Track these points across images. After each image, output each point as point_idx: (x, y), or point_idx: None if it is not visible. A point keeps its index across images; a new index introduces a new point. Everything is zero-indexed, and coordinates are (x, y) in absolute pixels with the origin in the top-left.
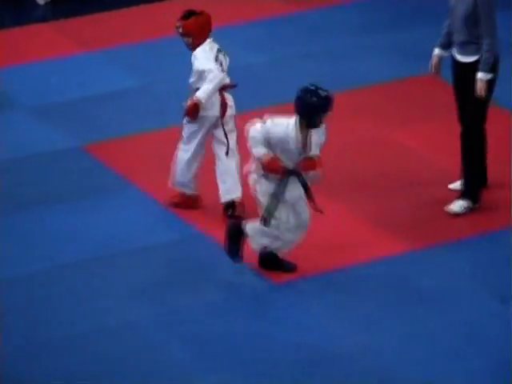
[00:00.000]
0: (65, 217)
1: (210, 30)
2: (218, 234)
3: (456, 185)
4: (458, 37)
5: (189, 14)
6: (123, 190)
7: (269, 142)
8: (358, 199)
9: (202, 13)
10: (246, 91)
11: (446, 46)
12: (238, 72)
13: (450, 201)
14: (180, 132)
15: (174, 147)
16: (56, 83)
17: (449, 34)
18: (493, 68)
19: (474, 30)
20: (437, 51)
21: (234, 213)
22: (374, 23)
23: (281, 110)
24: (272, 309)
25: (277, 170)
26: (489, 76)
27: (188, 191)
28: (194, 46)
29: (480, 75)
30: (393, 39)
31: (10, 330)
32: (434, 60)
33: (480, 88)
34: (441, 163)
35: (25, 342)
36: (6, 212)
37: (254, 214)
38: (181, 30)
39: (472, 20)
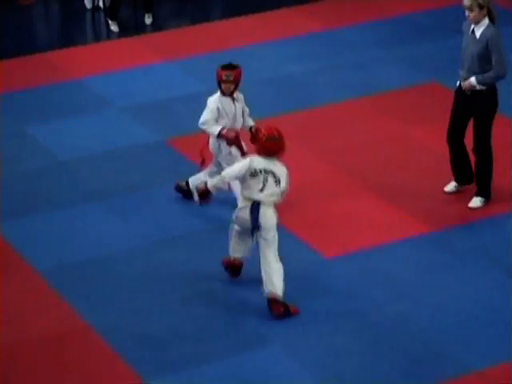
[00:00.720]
0: (152, 199)
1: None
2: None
3: (451, 187)
4: (467, 72)
5: (230, 65)
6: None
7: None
8: (385, 185)
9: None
10: (288, 96)
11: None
12: (281, 80)
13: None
14: None
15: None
16: (142, 87)
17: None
18: (489, 86)
19: (486, 66)
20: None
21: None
22: (395, 38)
23: (316, 112)
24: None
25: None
26: (478, 86)
27: None
28: (233, 92)
29: (472, 79)
30: (411, 52)
31: (112, 299)
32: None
33: (466, 86)
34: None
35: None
36: (107, 194)
37: None
38: (231, 78)
39: (484, 58)
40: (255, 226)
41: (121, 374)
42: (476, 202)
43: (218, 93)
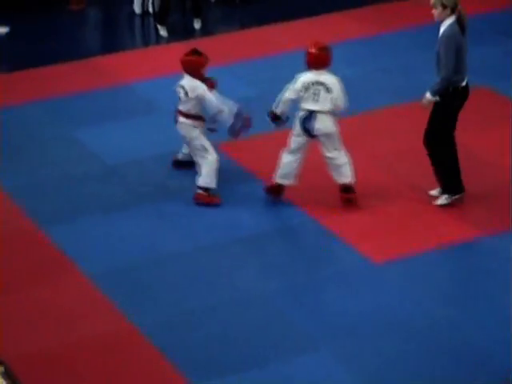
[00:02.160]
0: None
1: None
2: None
3: (435, 191)
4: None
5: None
6: (248, 183)
7: None
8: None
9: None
10: None
11: None
12: None
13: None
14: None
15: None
16: None
17: None
18: (442, 94)
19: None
20: None
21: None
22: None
23: (366, 116)
24: (368, 286)
25: None
26: (433, 98)
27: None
28: None
29: (427, 95)
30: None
31: (161, 302)
32: None
33: (422, 103)
34: (495, 162)
35: (173, 312)
36: (156, 198)
37: None
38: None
39: (438, 58)
40: (310, 131)
41: (168, 376)
42: (442, 199)
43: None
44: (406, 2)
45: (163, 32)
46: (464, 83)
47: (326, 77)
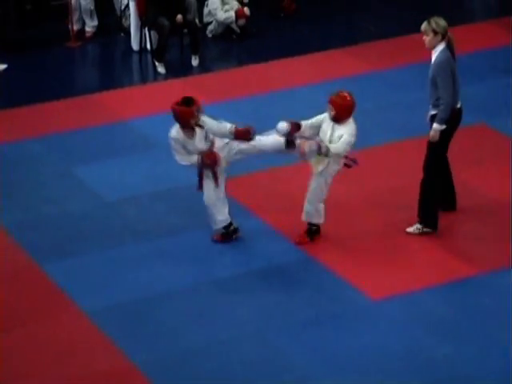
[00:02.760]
0: (199, 240)
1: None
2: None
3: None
4: (430, 97)
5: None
6: (246, 220)
7: None
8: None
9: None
10: None
11: None
12: None
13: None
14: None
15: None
16: None
17: None
18: (446, 121)
19: (437, 91)
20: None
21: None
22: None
23: (365, 152)
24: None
25: None
26: (443, 126)
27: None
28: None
29: (434, 126)
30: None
31: (159, 339)
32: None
33: (432, 136)
34: (494, 198)
35: (171, 350)
36: (155, 235)
37: None
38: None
39: (435, 83)
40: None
41: None
42: (415, 228)
43: None
44: (406, 38)
45: (161, 69)
46: (459, 105)
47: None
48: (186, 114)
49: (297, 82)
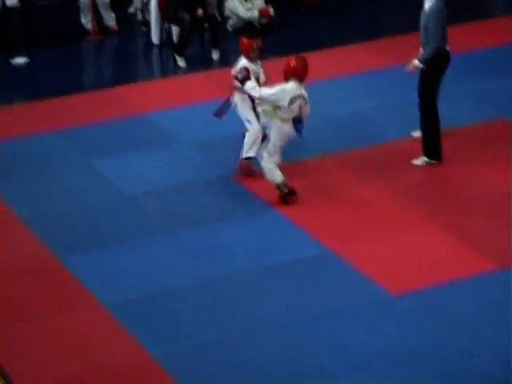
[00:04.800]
0: (218, 233)
1: None
2: (346, 252)
3: (417, 133)
4: (422, 43)
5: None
6: (266, 214)
7: None
8: (451, 222)
9: None
10: (355, 132)
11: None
12: (348, 116)
13: None
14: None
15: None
16: (209, 122)
17: None
18: (428, 61)
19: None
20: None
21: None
22: (464, 74)
23: (383, 148)
24: (384, 318)
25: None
26: (420, 64)
27: None
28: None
29: (415, 61)
30: (480, 88)
31: (177, 333)
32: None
33: (410, 69)
34: None
35: (189, 343)
36: (174, 228)
37: None
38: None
39: (427, 29)
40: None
41: None
42: (418, 160)
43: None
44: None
45: (182, 63)
46: (448, 48)
47: (303, 90)
48: (245, 46)
49: (316, 76)
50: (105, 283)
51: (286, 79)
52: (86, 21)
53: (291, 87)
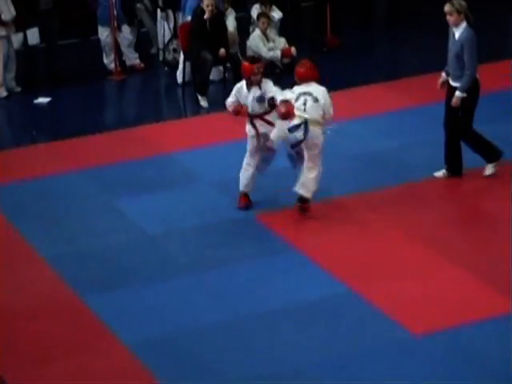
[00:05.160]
0: (240, 273)
1: None
2: (368, 292)
3: (440, 173)
4: (451, 69)
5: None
6: (287, 254)
7: None
8: (474, 262)
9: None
10: (378, 171)
11: (447, 72)
12: (371, 155)
13: None
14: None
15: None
16: (232, 161)
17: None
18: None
19: (462, 65)
20: (443, 75)
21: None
22: (486, 115)
23: (407, 187)
24: (408, 359)
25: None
26: (463, 94)
27: None
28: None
29: (457, 93)
30: (502, 128)
31: (199, 373)
32: (441, 80)
33: (455, 103)
34: None
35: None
36: (196, 269)
37: None
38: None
39: (460, 58)
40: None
41: None
42: (489, 169)
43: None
44: None
45: (203, 102)
46: (477, 75)
47: (314, 87)
48: (247, 69)
49: (340, 116)
50: (127, 323)
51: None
52: (109, 61)
53: (300, 87)
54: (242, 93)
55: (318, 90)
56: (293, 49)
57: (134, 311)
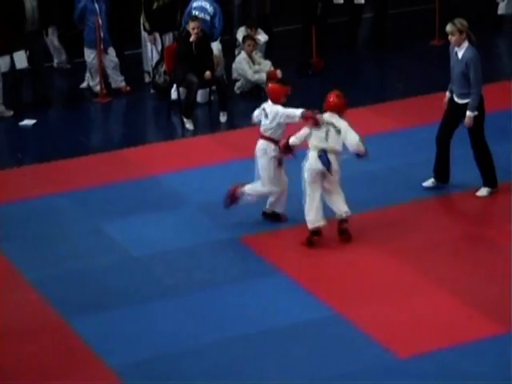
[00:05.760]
0: (226, 296)
1: None
2: (353, 315)
3: (429, 183)
4: (456, 88)
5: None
6: (272, 276)
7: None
8: (459, 285)
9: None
10: (363, 193)
11: (451, 90)
12: (357, 177)
13: None
14: None
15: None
16: (217, 184)
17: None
18: (477, 108)
19: (467, 82)
20: (448, 94)
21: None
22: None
23: (392, 210)
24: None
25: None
26: (474, 112)
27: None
28: None
29: (469, 114)
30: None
31: None
32: (446, 99)
33: (468, 123)
34: None
35: None
36: (181, 291)
37: None
38: None
39: (465, 75)
40: (327, 168)
41: None
42: (483, 191)
43: None
44: (433, 96)
45: (189, 125)
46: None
47: (336, 119)
48: (281, 91)
49: None
50: (113, 345)
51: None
52: (94, 83)
53: (325, 115)
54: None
55: (340, 123)
56: (278, 71)
57: (119, 333)
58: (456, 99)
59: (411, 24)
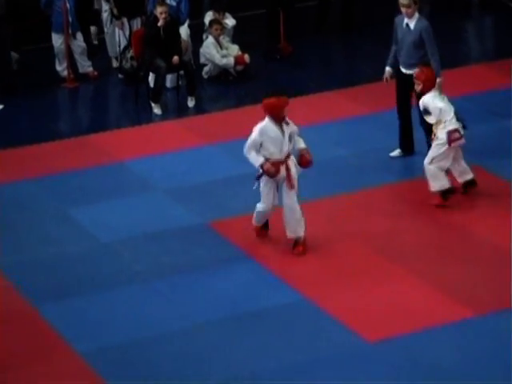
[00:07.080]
0: (194, 281)
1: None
2: (322, 300)
3: (395, 153)
4: (405, 58)
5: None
6: (241, 261)
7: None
8: (427, 270)
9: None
10: (331, 179)
11: (393, 64)
12: (324, 163)
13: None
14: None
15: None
16: (185, 169)
17: (395, 57)
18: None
19: (420, 51)
20: (388, 69)
21: None
22: None
23: (360, 195)
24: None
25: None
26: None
27: None
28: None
29: (438, 80)
30: None
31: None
32: (387, 74)
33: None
34: (493, 242)
35: None
36: (149, 277)
37: None
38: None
39: (418, 45)
40: None
41: None
42: (395, 152)
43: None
44: None
45: (157, 110)
46: None
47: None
48: (277, 104)
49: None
50: (81, 331)
51: None
52: (62, 68)
53: None
54: (269, 134)
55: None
56: (246, 56)
57: (87, 320)
58: (404, 70)
59: (379, 8)
